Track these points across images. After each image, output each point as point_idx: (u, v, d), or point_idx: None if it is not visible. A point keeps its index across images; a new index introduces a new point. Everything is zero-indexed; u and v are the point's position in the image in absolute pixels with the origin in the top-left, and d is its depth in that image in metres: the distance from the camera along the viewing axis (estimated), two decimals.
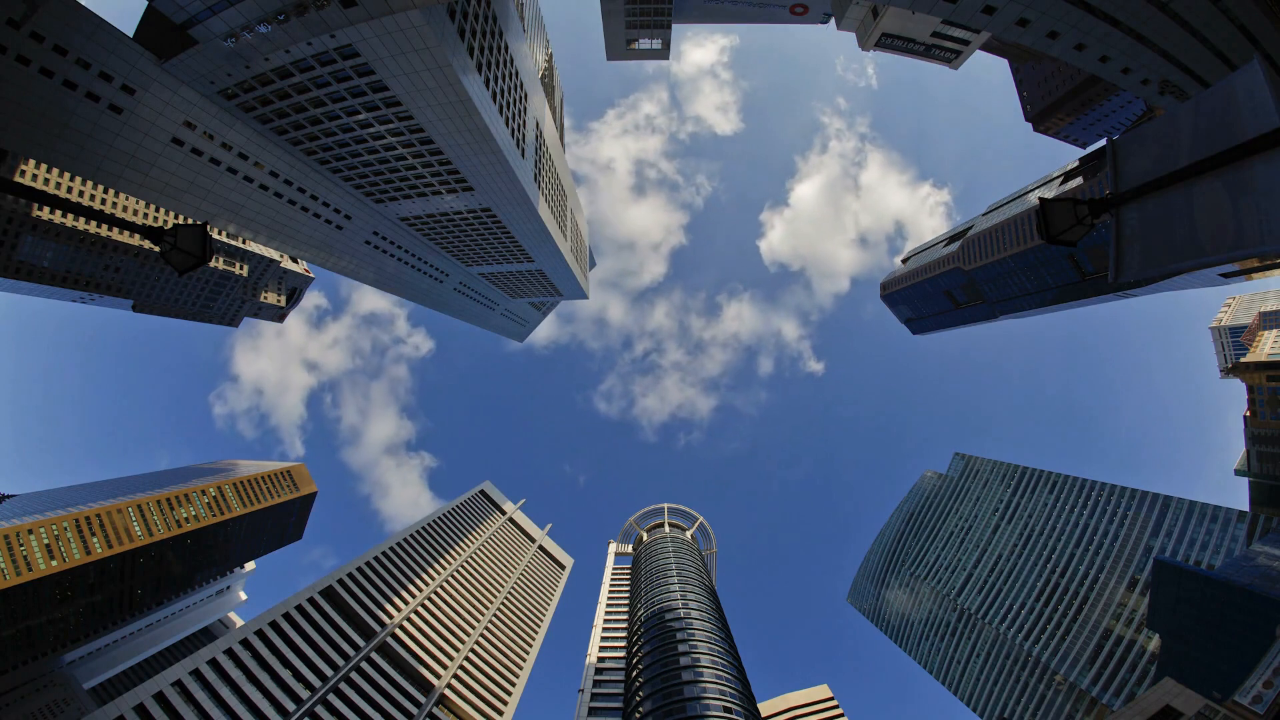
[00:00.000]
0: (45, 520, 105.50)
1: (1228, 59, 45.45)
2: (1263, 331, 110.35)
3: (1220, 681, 57.74)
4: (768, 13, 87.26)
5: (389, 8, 46.63)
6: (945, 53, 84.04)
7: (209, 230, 9.63)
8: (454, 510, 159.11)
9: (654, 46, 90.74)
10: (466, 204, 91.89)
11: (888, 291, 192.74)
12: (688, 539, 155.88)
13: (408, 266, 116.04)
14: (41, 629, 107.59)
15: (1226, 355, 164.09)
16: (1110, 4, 45.06)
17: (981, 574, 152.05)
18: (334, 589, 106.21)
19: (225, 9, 47.31)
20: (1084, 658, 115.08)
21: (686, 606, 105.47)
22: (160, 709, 73.85)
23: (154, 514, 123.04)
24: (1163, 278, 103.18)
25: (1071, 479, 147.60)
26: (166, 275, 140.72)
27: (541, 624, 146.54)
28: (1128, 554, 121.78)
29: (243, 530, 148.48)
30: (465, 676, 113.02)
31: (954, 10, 49.20)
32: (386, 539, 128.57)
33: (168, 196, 63.32)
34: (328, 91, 60.26)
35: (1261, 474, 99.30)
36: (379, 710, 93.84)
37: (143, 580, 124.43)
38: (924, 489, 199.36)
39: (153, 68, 53.31)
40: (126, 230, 18.09)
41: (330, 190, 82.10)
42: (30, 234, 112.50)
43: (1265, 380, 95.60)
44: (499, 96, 71.70)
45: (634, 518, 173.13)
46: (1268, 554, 77.58)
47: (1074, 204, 8.36)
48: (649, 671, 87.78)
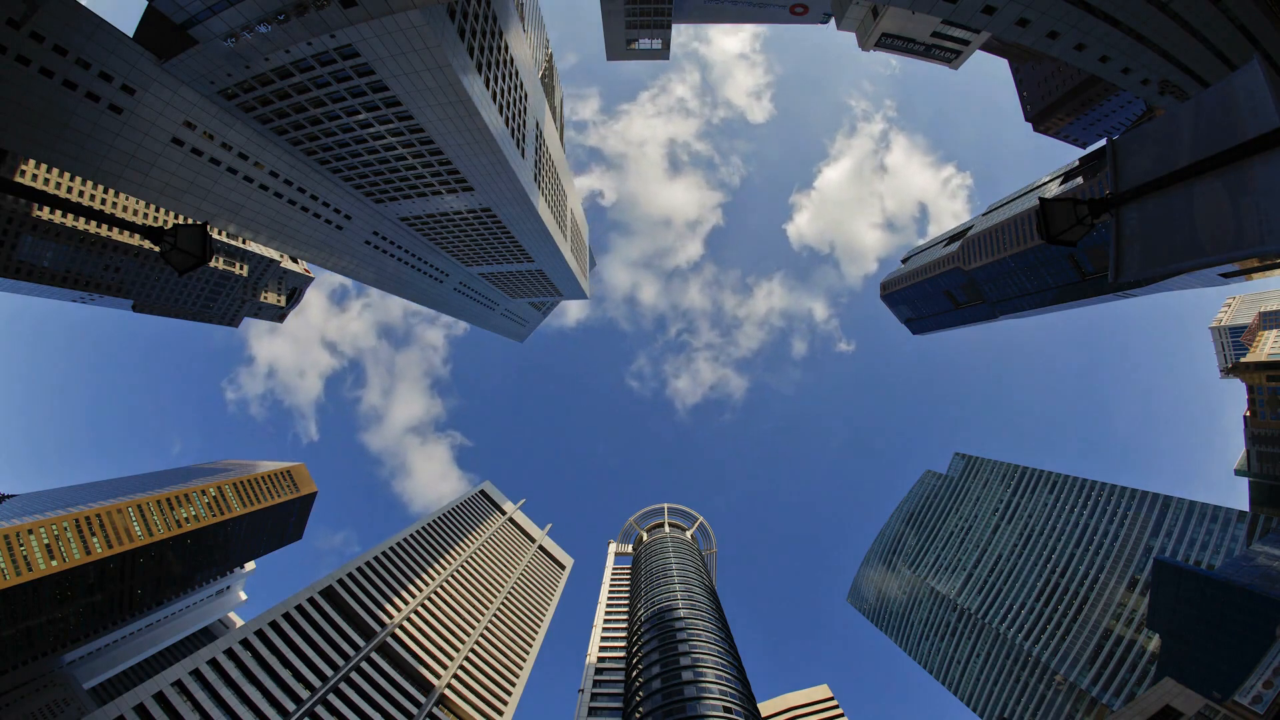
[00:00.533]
0: (45, 520, 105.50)
1: (1228, 59, 45.42)
2: (1263, 331, 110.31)
3: (1220, 681, 57.75)
4: (768, 13, 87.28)
5: (389, 8, 46.63)
6: (945, 53, 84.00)
7: (209, 230, 9.63)
8: (454, 510, 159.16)
9: (654, 46, 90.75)
10: (466, 204, 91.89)
11: (888, 291, 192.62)
12: (688, 539, 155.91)
13: (408, 266, 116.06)
14: (41, 629, 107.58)
15: (1226, 355, 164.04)
16: (1110, 4, 45.05)
17: (981, 574, 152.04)
18: (334, 589, 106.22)
19: (225, 9, 47.31)
20: (1084, 658, 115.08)
21: (686, 606, 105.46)
22: (160, 709, 73.84)
23: (154, 514, 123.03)
24: (1163, 278, 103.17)
25: (1071, 479, 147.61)
26: (166, 275, 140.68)
27: (541, 624, 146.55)
28: (1128, 554, 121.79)
29: (243, 530, 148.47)
30: (465, 676, 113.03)
31: (954, 10, 49.19)
32: (386, 539, 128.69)
33: (168, 196, 63.31)
34: (328, 91, 60.27)
35: (1261, 474, 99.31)
36: (379, 710, 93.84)
37: (143, 580, 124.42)
38: (924, 489, 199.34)
39: (153, 68, 53.31)
40: (126, 230, 18.10)
41: (330, 190, 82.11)
42: (30, 234, 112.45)
43: (1265, 380, 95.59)
44: (499, 96, 71.72)
45: (634, 518, 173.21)
46: (1268, 554, 77.60)
47: (1074, 204, 8.35)
48: (649, 671, 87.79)
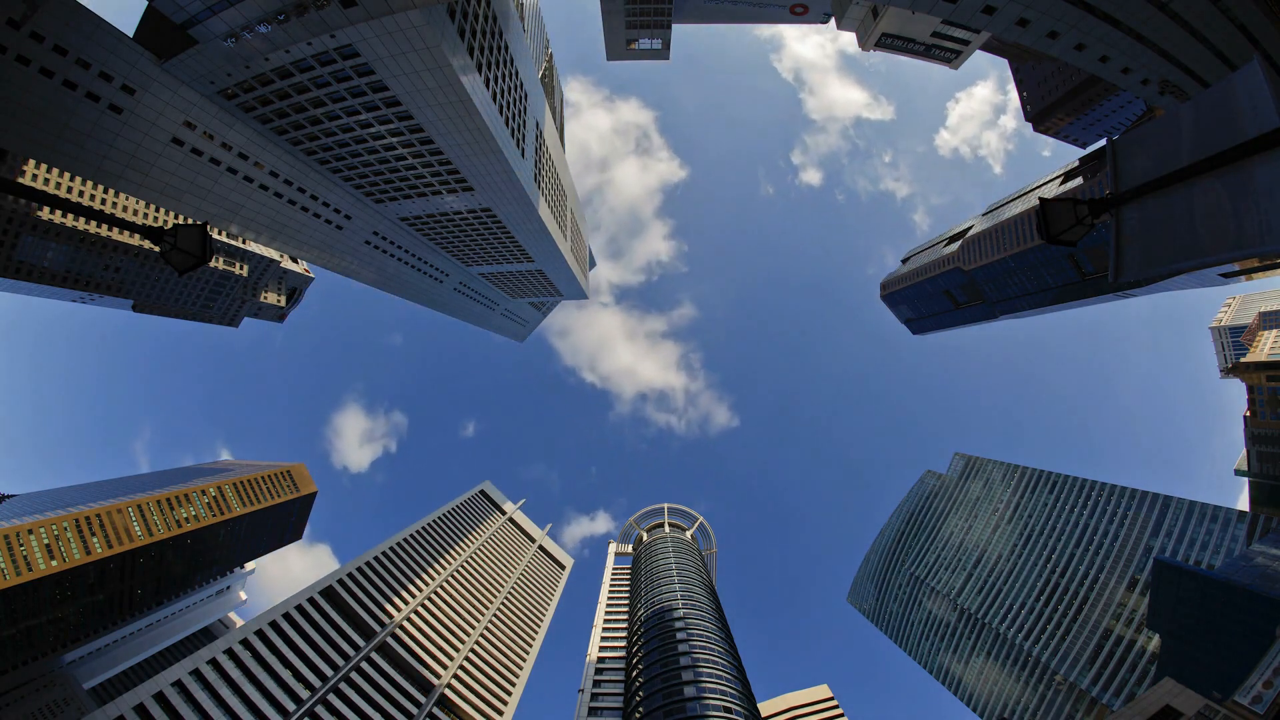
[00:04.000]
0: (45, 520, 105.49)
1: (1228, 59, 45.41)
2: (1263, 331, 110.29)
3: (1220, 681, 57.73)
4: (768, 13, 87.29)
5: (389, 8, 46.64)
6: (945, 53, 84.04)
7: (209, 230, 9.63)
8: (454, 510, 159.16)
9: (654, 46, 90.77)
10: (466, 204, 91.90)
11: (888, 291, 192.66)
12: (688, 539, 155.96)
13: (408, 266, 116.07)
14: (41, 629, 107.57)
15: (1226, 355, 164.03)
16: (1110, 4, 45.05)
17: (981, 574, 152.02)
18: (334, 589, 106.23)
19: (225, 9, 47.31)
20: (1084, 658, 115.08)
21: (686, 606, 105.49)
22: (160, 709, 73.87)
23: (154, 514, 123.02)
24: (1163, 278, 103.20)
25: (1071, 479, 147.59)
26: (166, 275, 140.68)
27: (541, 624, 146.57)
28: (1128, 554, 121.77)
29: (243, 530, 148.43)
30: (465, 676, 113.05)
31: (954, 10, 49.21)
32: (386, 539, 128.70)
33: (168, 196, 63.30)
34: (328, 91, 60.26)
35: (1261, 474, 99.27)
36: (379, 710, 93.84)
37: (143, 580, 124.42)
38: (924, 489, 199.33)
39: (153, 68, 53.30)
40: (126, 230, 18.11)
41: (330, 190, 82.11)
42: (30, 234, 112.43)
43: (1265, 380, 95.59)
44: (499, 96, 71.72)
45: (634, 518, 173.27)
46: (1267, 554, 77.62)
47: (1074, 204, 8.35)
48: (649, 671, 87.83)
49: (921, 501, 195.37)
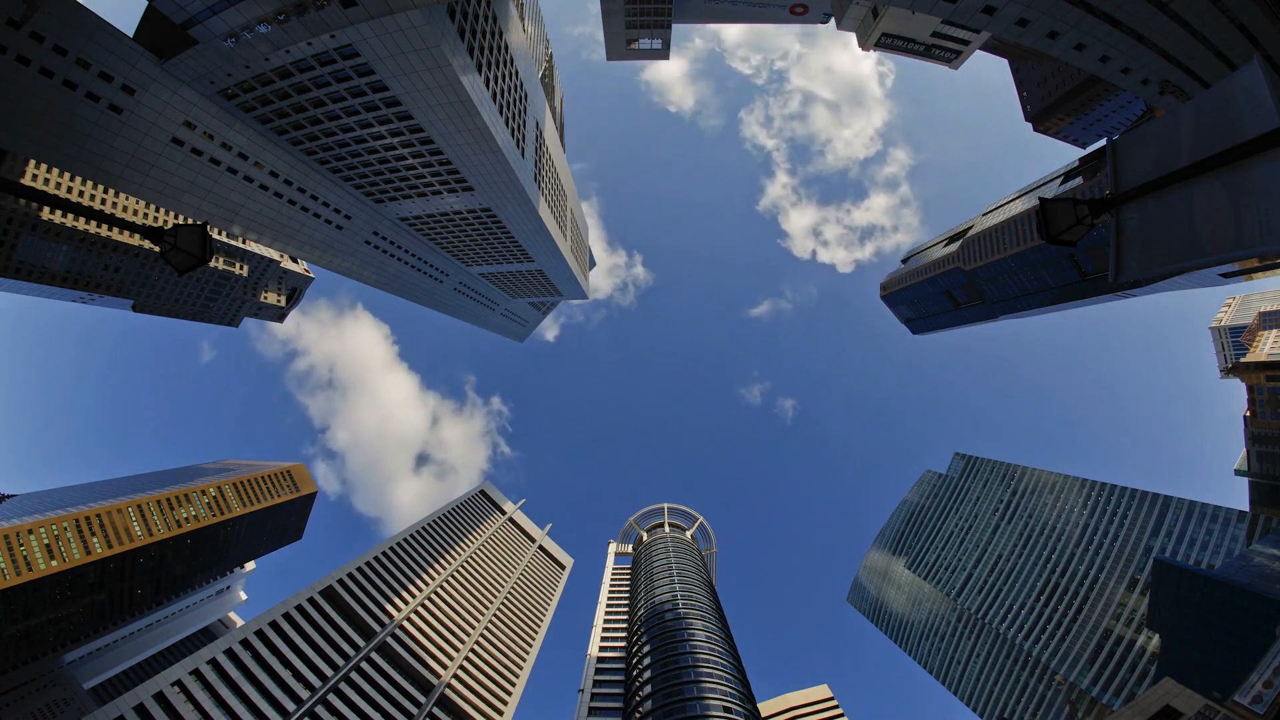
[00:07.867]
0: (45, 520, 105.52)
1: (1228, 59, 45.46)
2: (1263, 331, 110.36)
3: (1220, 681, 57.78)
4: (768, 13, 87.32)
5: (389, 8, 46.64)
6: (945, 53, 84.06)
7: (209, 230, 9.64)
8: (454, 510, 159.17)
9: (654, 46, 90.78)
10: (466, 204, 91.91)
11: (888, 291, 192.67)
12: (687, 539, 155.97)
13: (408, 266, 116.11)
14: (41, 629, 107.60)
15: (1226, 355, 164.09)
16: (1110, 4, 45.07)
17: (981, 574, 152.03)
18: (334, 589, 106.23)
19: (225, 9, 47.32)
20: (1084, 658, 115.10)
21: (686, 606, 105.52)
22: (160, 709, 73.86)
23: (154, 514, 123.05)
24: (1163, 278, 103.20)
25: (1071, 479, 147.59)
26: (166, 275, 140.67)
27: (541, 624, 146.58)
28: (1128, 554, 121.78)
29: (243, 530, 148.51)
30: (465, 676, 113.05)
31: (954, 10, 49.23)
32: (386, 539, 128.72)
33: (168, 196, 63.33)
34: (328, 91, 60.28)
35: (1261, 474, 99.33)
36: (379, 710, 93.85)
37: (143, 580, 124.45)
38: (924, 489, 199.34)
39: (153, 68, 53.31)
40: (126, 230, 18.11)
41: (330, 190, 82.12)
42: (30, 234, 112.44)
43: (1265, 380, 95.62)
44: (499, 96, 71.73)
45: (634, 518, 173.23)
46: (1267, 554, 77.64)
47: (1074, 204, 8.35)
48: (649, 671, 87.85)
49: (921, 501, 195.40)
